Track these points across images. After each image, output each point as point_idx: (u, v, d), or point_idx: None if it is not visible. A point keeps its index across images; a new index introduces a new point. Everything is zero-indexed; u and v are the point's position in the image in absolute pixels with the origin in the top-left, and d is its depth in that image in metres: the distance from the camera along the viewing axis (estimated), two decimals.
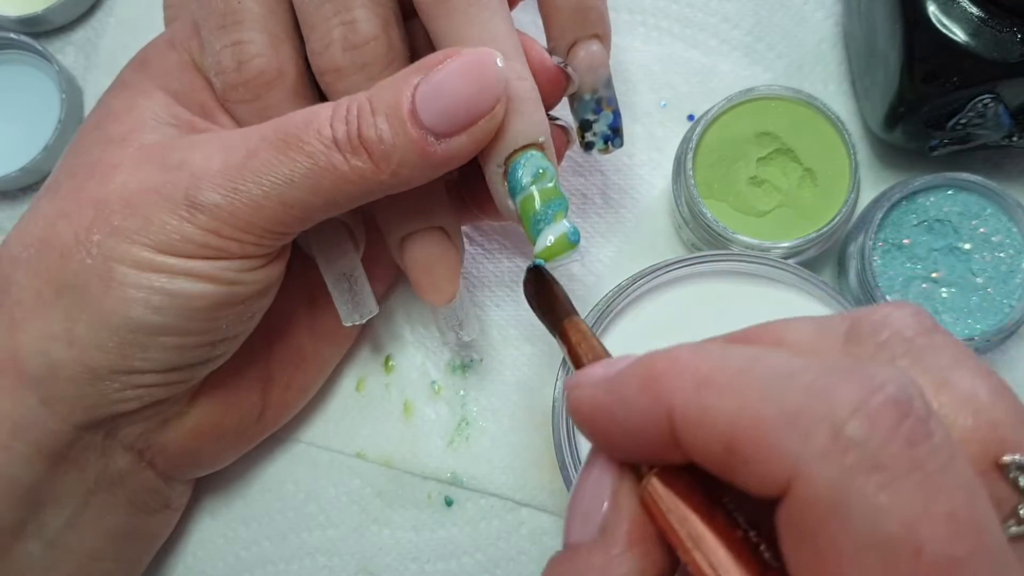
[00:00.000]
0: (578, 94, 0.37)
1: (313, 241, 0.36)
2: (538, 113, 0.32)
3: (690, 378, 0.20)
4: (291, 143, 0.30)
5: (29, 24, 0.48)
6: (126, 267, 0.30)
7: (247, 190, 0.30)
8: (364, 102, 0.31)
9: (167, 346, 0.32)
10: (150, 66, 0.36)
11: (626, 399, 0.21)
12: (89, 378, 0.31)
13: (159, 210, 0.30)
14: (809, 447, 0.17)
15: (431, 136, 0.30)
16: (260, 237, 0.31)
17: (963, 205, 0.39)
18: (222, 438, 0.38)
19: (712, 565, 0.20)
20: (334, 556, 0.42)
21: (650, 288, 0.36)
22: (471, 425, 0.43)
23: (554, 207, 0.32)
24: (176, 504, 0.40)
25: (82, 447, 0.33)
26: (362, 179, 0.30)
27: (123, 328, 0.31)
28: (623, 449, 0.22)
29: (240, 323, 0.34)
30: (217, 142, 0.32)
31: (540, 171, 0.32)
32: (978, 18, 0.36)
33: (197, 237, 0.30)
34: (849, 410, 0.17)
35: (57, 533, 0.34)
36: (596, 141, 0.38)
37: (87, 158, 0.33)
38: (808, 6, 0.46)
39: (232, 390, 0.37)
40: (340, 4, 0.32)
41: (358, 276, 0.37)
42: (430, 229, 0.36)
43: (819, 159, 0.40)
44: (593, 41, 0.36)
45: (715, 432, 0.19)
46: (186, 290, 0.31)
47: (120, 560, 0.37)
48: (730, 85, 0.45)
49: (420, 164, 0.31)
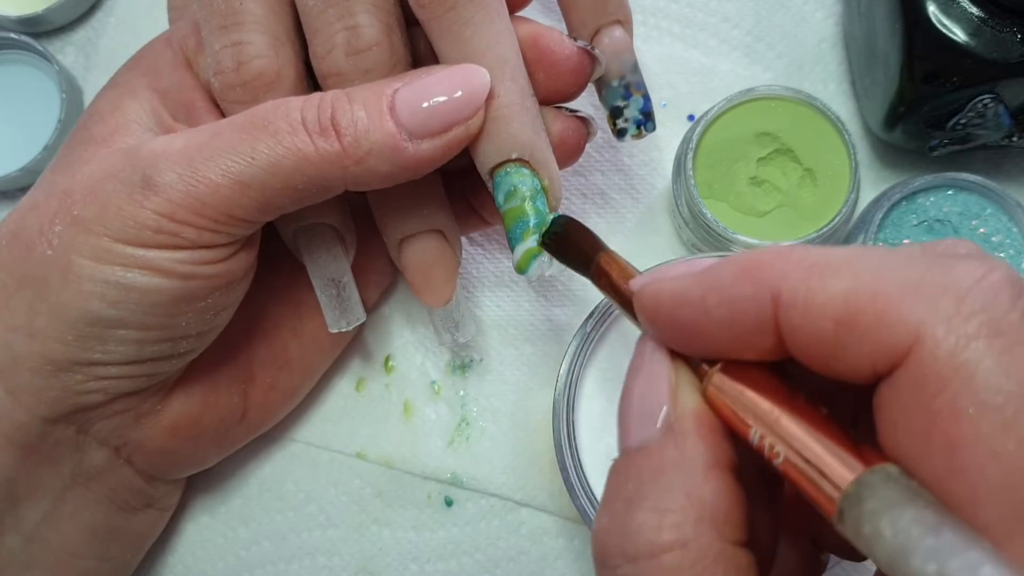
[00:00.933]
0: (605, 81, 0.37)
1: (302, 244, 0.36)
2: (509, 131, 0.32)
3: (798, 263, 0.20)
4: (257, 124, 0.30)
5: (29, 24, 0.48)
6: (83, 259, 0.30)
7: (204, 168, 0.30)
8: (341, 94, 0.31)
9: (125, 340, 0.32)
10: (143, 63, 0.36)
11: (722, 287, 0.21)
12: (51, 370, 0.31)
13: (116, 195, 0.31)
14: (934, 313, 0.18)
15: (405, 134, 0.30)
16: (216, 222, 0.31)
17: (963, 205, 0.39)
18: (201, 437, 0.37)
19: (798, 449, 0.20)
20: (334, 556, 0.42)
21: None
22: (471, 425, 0.43)
23: (522, 226, 0.32)
24: (162, 504, 0.39)
25: (53, 441, 0.33)
26: (325, 162, 0.30)
27: (80, 321, 0.31)
28: (707, 341, 0.22)
29: (203, 321, 0.33)
30: (185, 131, 0.32)
31: (511, 189, 0.32)
32: (978, 18, 0.36)
33: (151, 222, 0.30)
34: (971, 281, 0.19)
35: (35, 528, 0.34)
36: (628, 127, 0.38)
37: (69, 157, 0.34)
38: (808, 6, 0.46)
39: (210, 389, 0.37)
40: (344, 9, 0.32)
41: (347, 282, 0.37)
42: (428, 232, 0.36)
43: (819, 159, 0.40)
44: (616, 27, 0.36)
45: (828, 310, 0.19)
46: (141, 283, 0.31)
47: (103, 558, 0.37)
48: (730, 85, 0.45)
49: (388, 158, 0.31)
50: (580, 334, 0.36)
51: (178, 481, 0.40)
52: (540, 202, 0.32)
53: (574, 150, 0.36)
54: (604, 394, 0.36)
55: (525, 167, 0.32)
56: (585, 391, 0.36)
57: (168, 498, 0.40)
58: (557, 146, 0.35)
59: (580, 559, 0.41)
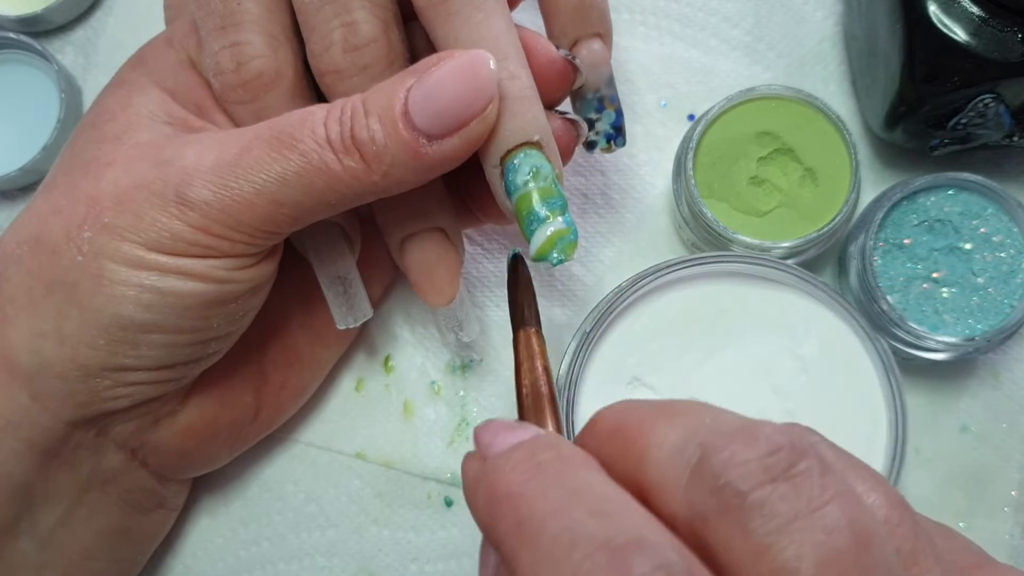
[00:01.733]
0: (581, 93, 0.37)
1: (308, 243, 0.36)
2: (532, 111, 0.32)
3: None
4: (285, 141, 0.30)
5: (28, 24, 0.48)
6: (116, 264, 0.30)
7: (238, 187, 0.30)
8: (358, 103, 0.31)
9: (157, 344, 0.32)
10: (147, 63, 0.36)
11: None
12: (80, 375, 0.31)
13: (149, 207, 0.30)
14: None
15: (423, 138, 0.30)
16: (251, 236, 0.31)
17: (964, 205, 0.39)
18: (216, 438, 0.38)
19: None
20: (334, 557, 0.42)
21: (651, 289, 0.36)
22: (471, 425, 0.43)
23: (549, 206, 0.31)
24: (171, 504, 0.40)
25: (74, 445, 0.33)
26: (354, 179, 0.30)
27: (113, 325, 0.31)
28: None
29: (231, 322, 0.34)
30: (211, 140, 0.32)
31: (534, 170, 0.31)
32: (979, 18, 0.36)
33: (187, 235, 0.30)
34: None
35: (50, 531, 0.34)
36: (599, 140, 0.38)
37: (82, 156, 0.33)
38: (808, 5, 0.46)
39: (226, 390, 0.37)
40: (340, 6, 0.32)
41: (353, 279, 0.37)
42: (431, 230, 0.36)
43: (820, 159, 0.40)
44: (595, 40, 0.36)
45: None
46: (176, 288, 0.31)
47: (114, 560, 0.37)
48: (730, 85, 0.45)
49: (412, 165, 0.30)
50: (580, 334, 0.36)
51: (187, 481, 0.41)
52: (559, 186, 0.32)
53: (565, 151, 0.35)
54: (604, 394, 0.36)
55: (541, 151, 0.32)
56: (585, 391, 0.36)
57: (178, 498, 0.40)
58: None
59: None
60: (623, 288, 0.36)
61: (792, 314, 0.36)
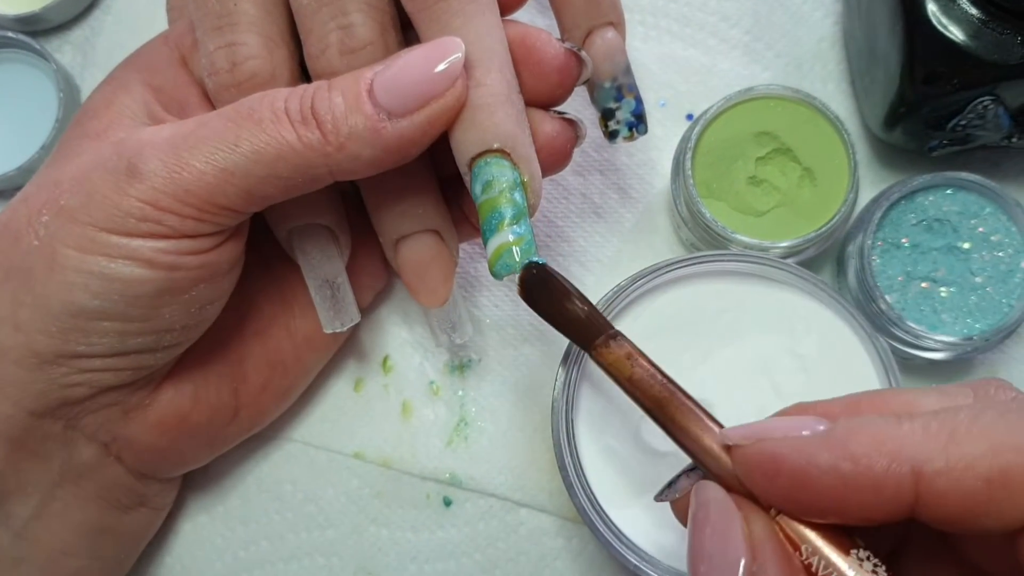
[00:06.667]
0: (597, 83, 0.37)
1: (297, 245, 0.36)
2: (493, 119, 0.31)
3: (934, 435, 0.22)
4: (242, 113, 0.31)
5: (27, 23, 0.48)
6: (68, 249, 0.31)
7: (188, 156, 0.30)
8: (323, 83, 0.31)
9: (108, 332, 0.32)
10: (140, 59, 0.36)
11: (857, 457, 0.22)
12: (36, 362, 0.31)
13: (102, 183, 0.31)
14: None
15: (384, 114, 0.30)
16: (199, 211, 0.31)
17: (962, 204, 0.39)
18: (191, 435, 0.37)
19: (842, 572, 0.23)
20: (333, 556, 0.42)
21: (649, 288, 0.36)
22: (470, 425, 0.43)
23: (497, 217, 0.31)
24: (156, 503, 0.39)
25: (41, 436, 0.33)
26: (307, 150, 0.30)
27: (63, 312, 0.31)
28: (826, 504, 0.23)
29: (187, 314, 0.33)
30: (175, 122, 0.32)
31: (489, 179, 0.31)
32: (978, 19, 0.36)
33: (134, 210, 0.30)
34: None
35: (24, 524, 0.34)
36: (620, 129, 0.38)
37: (63, 151, 0.34)
38: (807, 5, 0.46)
39: (200, 386, 0.37)
40: (337, 8, 0.32)
41: (341, 283, 0.37)
42: (424, 232, 0.36)
43: (818, 159, 0.40)
44: (608, 29, 0.36)
45: (977, 471, 0.21)
46: (123, 274, 0.31)
47: (96, 557, 0.37)
48: (729, 84, 0.45)
49: (369, 139, 0.31)
50: None
51: (172, 480, 0.40)
52: (519, 195, 0.31)
53: (562, 152, 0.35)
54: (603, 394, 0.36)
55: (506, 159, 0.31)
56: (584, 391, 0.36)
57: (161, 497, 0.40)
58: (545, 147, 0.34)
59: (579, 559, 0.41)
60: (622, 287, 0.36)
61: (791, 313, 0.36)
